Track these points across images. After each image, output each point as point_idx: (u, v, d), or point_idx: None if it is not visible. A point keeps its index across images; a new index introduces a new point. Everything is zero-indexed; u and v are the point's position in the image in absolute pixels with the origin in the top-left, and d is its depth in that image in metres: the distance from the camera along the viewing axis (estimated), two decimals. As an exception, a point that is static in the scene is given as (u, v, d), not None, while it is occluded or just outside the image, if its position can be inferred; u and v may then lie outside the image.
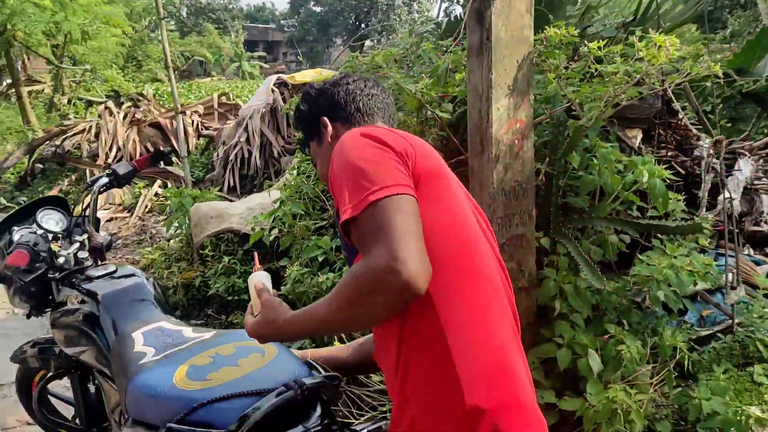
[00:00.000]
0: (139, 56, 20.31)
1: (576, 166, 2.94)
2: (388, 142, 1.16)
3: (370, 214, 1.05)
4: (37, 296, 2.29)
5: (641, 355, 2.53)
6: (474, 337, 1.13)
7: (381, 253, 1.01)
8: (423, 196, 1.14)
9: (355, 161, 1.12)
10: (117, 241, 6.23)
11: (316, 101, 1.48)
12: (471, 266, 1.18)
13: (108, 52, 14.16)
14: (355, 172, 1.11)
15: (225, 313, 4.39)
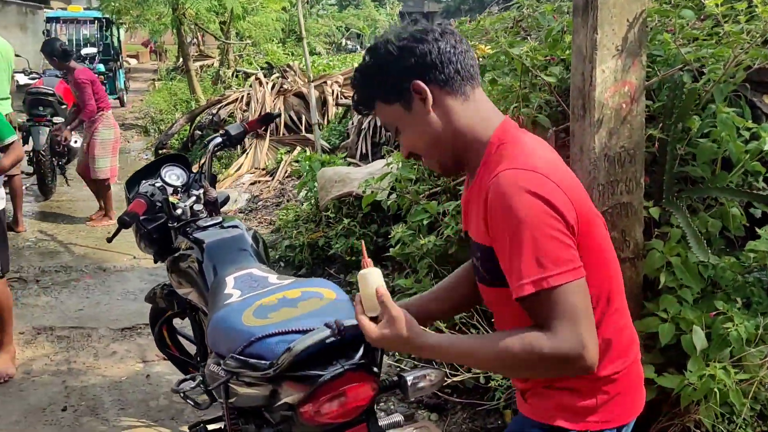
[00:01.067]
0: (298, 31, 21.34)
1: (695, 131, 2.75)
2: (559, 208, 1.15)
3: (550, 295, 1.12)
4: (158, 243, 2.59)
5: (750, 335, 2.34)
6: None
7: (570, 337, 1.12)
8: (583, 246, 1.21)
9: (531, 231, 1.12)
10: (258, 203, 6.73)
11: (399, 60, 1.26)
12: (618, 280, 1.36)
13: (268, 27, 14.97)
14: (532, 245, 1.12)
15: (345, 272, 4.62)
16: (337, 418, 1.45)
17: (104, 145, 6.09)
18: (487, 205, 1.19)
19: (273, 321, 1.56)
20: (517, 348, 1.14)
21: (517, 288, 1.14)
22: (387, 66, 1.28)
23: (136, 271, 5.01)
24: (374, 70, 1.31)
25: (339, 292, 1.71)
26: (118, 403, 3.17)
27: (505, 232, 1.15)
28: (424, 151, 1.32)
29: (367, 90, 1.33)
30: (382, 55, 1.29)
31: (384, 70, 1.29)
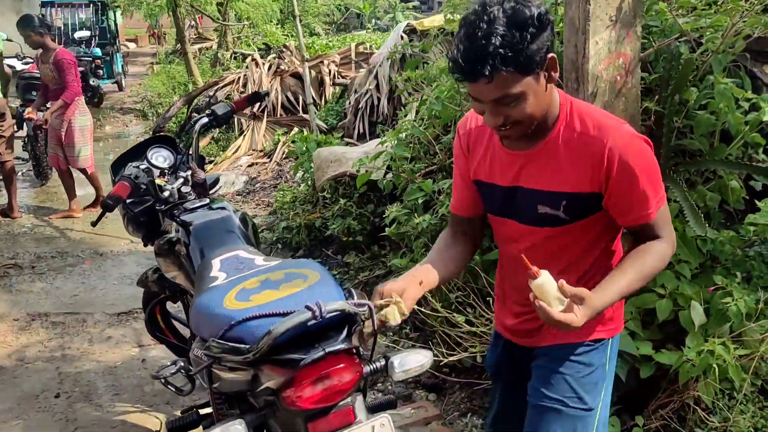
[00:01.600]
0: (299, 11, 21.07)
1: (693, 103, 2.68)
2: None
3: (665, 212, 1.51)
4: (146, 226, 2.55)
5: (750, 310, 2.30)
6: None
7: (674, 240, 1.55)
8: None
9: (652, 165, 1.47)
10: (256, 185, 6.68)
11: (548, 32, 1.32)
12: None
13: (265, 8, 14.81)
14: (653, 177, 1.46)
15: (342, 253, 4.58)
16: (321, 402, 1.42)
17: (83, 132, 5.82)
18: (602, 157, 1.40)
19: (254, 304, 1.52)
20: (658, 265, 1.48)
21: (648, 214, 1.45)
22: (538, 36, 1.30)
23: (134, 255, 4.98)
24: (533, 36, 1.29)
25: (324, 272, 1.66)
26: (112, 388, 3.15)
27: (638, 175, 1.41)
28: (528, 120, 1.39)
29: (512, 55, 1.28)
30: (535, 24, 1.29)
31: (540, 37, 1.30)
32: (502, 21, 1.27)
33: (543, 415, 1.60)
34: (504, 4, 1.29)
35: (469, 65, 1.29)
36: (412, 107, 4.59)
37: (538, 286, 1.31)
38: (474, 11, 1.31)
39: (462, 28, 1.32)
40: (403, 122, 4.29)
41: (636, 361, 2.41)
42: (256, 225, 2.55)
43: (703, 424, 2.37)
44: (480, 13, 1.29)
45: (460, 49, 1.30)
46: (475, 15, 1.30)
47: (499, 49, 1.26)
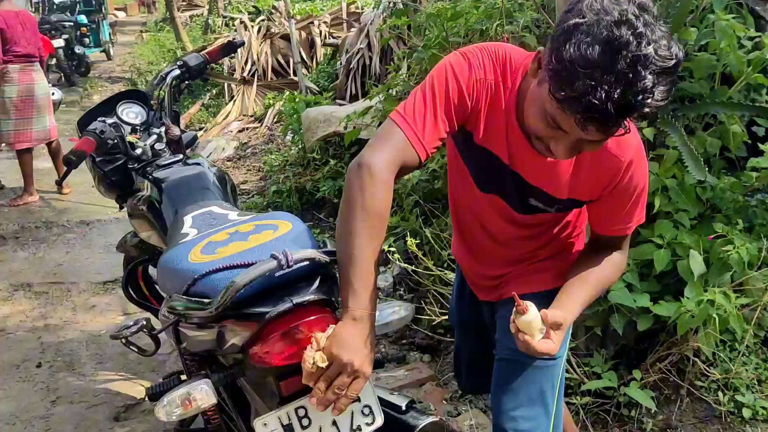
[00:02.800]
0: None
1: (693, 43, 2.54)
2: None
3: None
4: (119, 186, 2.43)
5: (752, 258, 2.19)
6: None
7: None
8: None
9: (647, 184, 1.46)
10: (246, 150, 6.54)
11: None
12: None
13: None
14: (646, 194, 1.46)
15: (334, 215, 4.48)
16: (291, 359, 1.31)
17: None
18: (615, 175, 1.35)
19: (220, 256, 1.41)
20: (616, 278, 1.54)
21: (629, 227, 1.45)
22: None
23: (121, 223, 4.86)
24: (668, 96, 1.10)
25: (297, 222, 1.55)
26: (95, 357, 3.06)
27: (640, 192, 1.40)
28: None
29: (654, 113, 1.11)
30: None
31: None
32: (657, 68, 1.05)
33: (508, 367, 1.55)
34: (646, 19, 1.06)
35: (615, 119, 1.07)
36: (403, 63, 4.43)
37: (526, 322, 1.27)
38: (619, 23, 1.05)
39: (608, 54, 1.04)
40: (393, 77, 4.15)
41: (633, 314, 2.32)
42: (235, 184, 2.42)
43: (704, 377, 2.29)
44: (632, 34, 1.05)
45: (610, 97, 1.04)
46: (628, 32, 1.05)
47: (654, 105, 1.07)
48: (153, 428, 2.52)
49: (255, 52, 8.00)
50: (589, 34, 1.05)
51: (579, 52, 1.04)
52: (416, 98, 1.34)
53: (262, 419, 1.29)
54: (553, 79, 1.10)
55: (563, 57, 1.06)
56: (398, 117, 1.33)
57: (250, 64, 7.92)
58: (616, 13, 1.06)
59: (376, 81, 6.29)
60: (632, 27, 1.04)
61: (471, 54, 1.35)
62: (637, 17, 1.05)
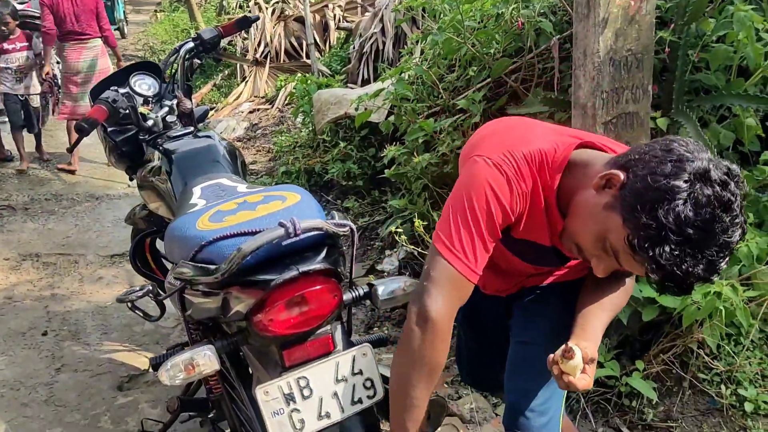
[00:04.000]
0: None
1: (710, 34, 2.51)
2: None
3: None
4: (130, 156, 2.43)
5: (762, 252, 2.17)
6: None
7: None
8: None
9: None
10: (257, 131, 6.53)
11: None
12: None
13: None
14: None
15: (342, 198, 4.47)
16: (296, 328, 1.32)
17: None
18: None
19: (228, 224, 1.41)
20: (626, 299, 1.46)
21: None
22: None
23: (130, 198, 4.88)
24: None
25: (305, 194, 1.55)
26: (101, 327, 3.08)
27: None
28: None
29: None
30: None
31: None
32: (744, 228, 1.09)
33: (529, 351, 1.55)
34: (740, 202, 1.08)
35: (704, 279, 1.10)
36: (416, 47, 4.40)
37: (573, 366, 1.25)
38: (724, 206, 1.06)
39: (704, 232, 1.05)
40: (406, 61, 4.12)
41: (639, 305, 2.30)
42: (246, 160, 2.43)
43: (707, 370, 2.28)
44: (730, 220, 1.07)
45: (694, 273, 1.07)
46: (728, 218, 1.06)
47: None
48: (156, 398, 2.54)
49: (268, 33, 7.97)
50: (692, 205, 1.05)
51: (676, 221, 1.04)
52: (459, 222, 1.26)
53: (264, 387, 1.30)
54: (638, 229, 1.08)
55: (658, 216, 1.05)
56: (446, 250, 1.27)
57: (263, 46, 7.90)
58: (718, 189, 1.05)
59: (389, 65, 6.26)
60: (733, 213, 1.05)
61: (507, 166, 1.26)
62: (735, 196, 1.06)
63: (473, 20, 3.31)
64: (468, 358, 2.02)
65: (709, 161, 1.07)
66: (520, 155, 1.27)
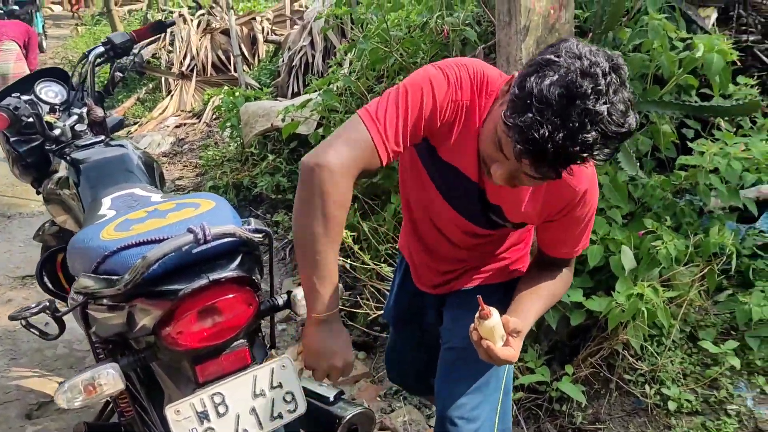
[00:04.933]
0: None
1: (626, 43, 2.58)
2: None
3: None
4: (35, 168, 2.28)
5: (680, 253, 2.23)
6: None
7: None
8: None
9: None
10: (183, 146, 6.34)
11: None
12: None
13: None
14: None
15: (272, 212, 4.37)
16: (208, 341, 1.23)
17: None
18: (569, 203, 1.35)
19: (134, 233, 1.32)
20: (564, 290, 1.53)
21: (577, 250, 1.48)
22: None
23: (45, 216, 4.61)
24: (630, 130, 1.10)
25: (220, 201, 1.47)
26: (9, 353, 2.87)
27: (588, 221, 1.42)
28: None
29: (612, 153, 1.12)
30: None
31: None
32: (609, 129, 1.06)
33: (457, 356, 1.55)
34: (612, 79, 1.06)
35: (557, 164, 1.09)
36: (345, 59, 4.38)
37: (489, 328, 1.22)
38: (585, 74, 1.05)
39: (564, 98, 1.04)
40: (335, 72, 4.08)
41: (567, 309, 2.32)
42: (168, 175, 2.31)
43: (632, 371, 2.31)
44: (592, 89, 1.04)
45: (557, 141, 1.05)
46: (590, 86, 1.05)
47: (597, 155, 1.08)
48: (68, 426, 2.37)
49: (194, 46, 7.78)
50: (556, 74, 1.05)
51: (539, 87, 1.05)
52: (388, 102, 1.26)
53: (174, 406, 1.21)
54: (510, 104, 1.10)
55: (525, 86, 1.07)
56: (366, 116, 1.26)
57: (189, 59, 7.71)
58: (586, 63, 1.06)
59: (318, 78, 6.22)
60: (595, 82, 1.04)
61: (450, 70, 1.30)
62: (605, 75, 1.05)
63: (399, 30, 3.31)
64: (399, 359, 2.00)
65: (590, 47, 1.09)
66: (466, 69, 1.30)
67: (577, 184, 1.32)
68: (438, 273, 1.66)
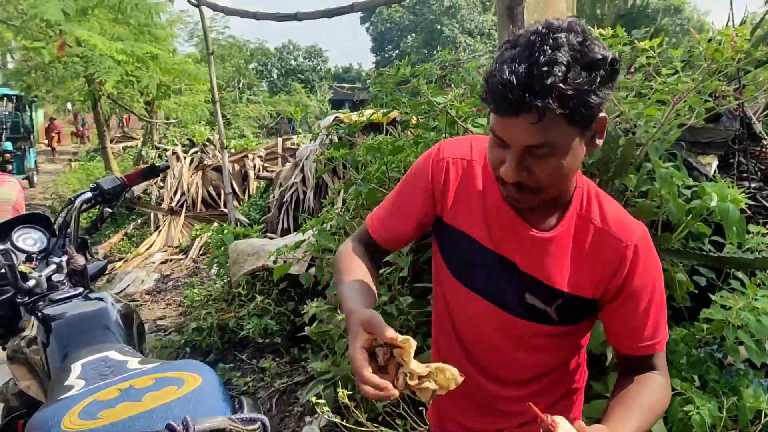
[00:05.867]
0: (228, 114, 21.22)
1: (632, 189, 2.51)
2: None
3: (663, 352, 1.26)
4: (3, 324, 2.07)
5: (715, 419, 2.01)
6: None
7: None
8: None
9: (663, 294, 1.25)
10: (168, 283, 6.15)
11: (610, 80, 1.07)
12: None
13: (195, 108, 14.65)
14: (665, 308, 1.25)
15: (258, 357, 4.10)
16: None
17: None
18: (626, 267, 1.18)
19: (102, 423, 1.10)
20: (666, 401, 1.22)
21: (656, 344, 1.22)
22: (604, 85, 1.06)
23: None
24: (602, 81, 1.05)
25: (208, 375, 1.27)
26: None
27: (653, 293, 1.21)
28: (552, 185, 1.14)
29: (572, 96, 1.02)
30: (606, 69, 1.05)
31: (601, 87, 1.05)
32: (570, 53, 1.02)
33: None
34: (572, 36, 1.03)
35: (519, 92, 1.01)
36: (339, 196, 4.32)
37: None
38: (536, 31, 1.05)
39: (514, 48, 1.06)
40: (328, 210, 4.00)
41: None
42: (143, 322, 2.12)
43: None
44: (544, 35, 1.03)
45: (513, 69, 1.02)
46: (537, 35, 1.04)
47: (561, 82, 1.00)
48: None
49: (186, 182, 7.83)
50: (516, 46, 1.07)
51: (501, 57, 1.06)
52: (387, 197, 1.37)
53: None
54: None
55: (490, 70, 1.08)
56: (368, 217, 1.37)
57: (180, 195, 7.72)
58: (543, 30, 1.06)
59: (309, 215, 6.17)
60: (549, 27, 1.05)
61: (446, 141, 1.33)
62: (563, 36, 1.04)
63: (398, 171, 3.25)
64: None
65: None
66: (466, 137, 1.33)
67: (623, 236, 1.19)
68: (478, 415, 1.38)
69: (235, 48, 22.80)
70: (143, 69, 9.72)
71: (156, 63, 9.94)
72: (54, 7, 8.64)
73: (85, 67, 8.66)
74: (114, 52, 8.71)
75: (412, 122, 3.21)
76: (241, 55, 23.46)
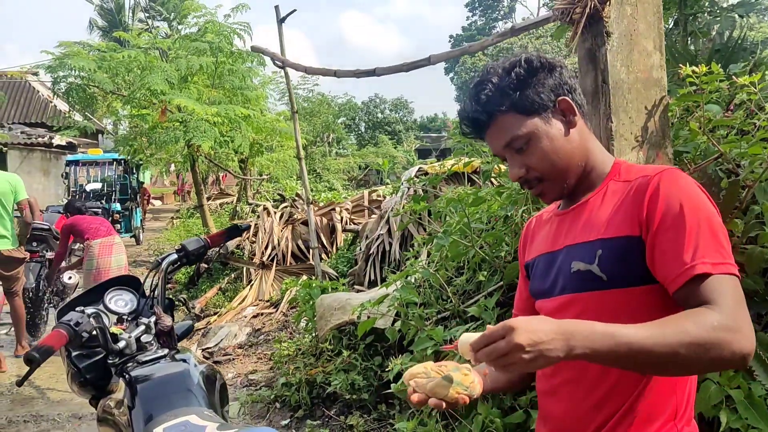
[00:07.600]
0: (318, 168, 21.87)
1: (740, 235, 2.31)
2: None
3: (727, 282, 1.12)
4: (94, 385, 2.12)
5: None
6: None
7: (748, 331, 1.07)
8: None
9: (713, 219, 1.17)
10: (259, 337, 6.23)
11: (552, 74, 1.31)
12: None
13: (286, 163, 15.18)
14: (714, 232, 1.15)
15: (346, 413, 4.04)
16: None
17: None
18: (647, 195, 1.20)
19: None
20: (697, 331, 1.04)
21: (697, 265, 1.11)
22: (539, 76, 1.29)
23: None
24: (524, 77, 1.28)
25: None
26: None
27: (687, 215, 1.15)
28: (551, 169, 1.30)
29: (505, 96, 1.28)
30: (534, 65, 1.29)
31: (536, 79, 1.29)
32: (496, 71, 1.30)
33: None
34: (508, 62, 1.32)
35: (469, 115, 1.32)
36: (423, 249, 4.27)
37: (463, 344, 1.08)
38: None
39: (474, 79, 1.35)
40: (412, 264, 3.94)
41: None
42: (225, 383, 2.11)
43: None
44: (481, 71, 1.34)
45: (464, 105, 1.33)
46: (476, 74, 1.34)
47: (491, 92, 1.28)
48: None
49: (276, 236, 8.01)
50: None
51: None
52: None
53: None
54: None
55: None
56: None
57: (270, 249, 7.90)
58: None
59: (395, 267, 6.13)
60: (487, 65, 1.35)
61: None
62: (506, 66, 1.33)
63: (480, 222, 3.17)
64: None
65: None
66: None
67: (649, 172, 1.26)
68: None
69: (324, 104, 23.63)
70: (237, 129, 10.19)
71: (248, 123, 10.40)
72: (159, 78, 9.30)
73: (184, 132, 9.17)
74: (210, 115, 9.20)
75: (495, 171, 3.14)
76: (330, 110, 24.28)
